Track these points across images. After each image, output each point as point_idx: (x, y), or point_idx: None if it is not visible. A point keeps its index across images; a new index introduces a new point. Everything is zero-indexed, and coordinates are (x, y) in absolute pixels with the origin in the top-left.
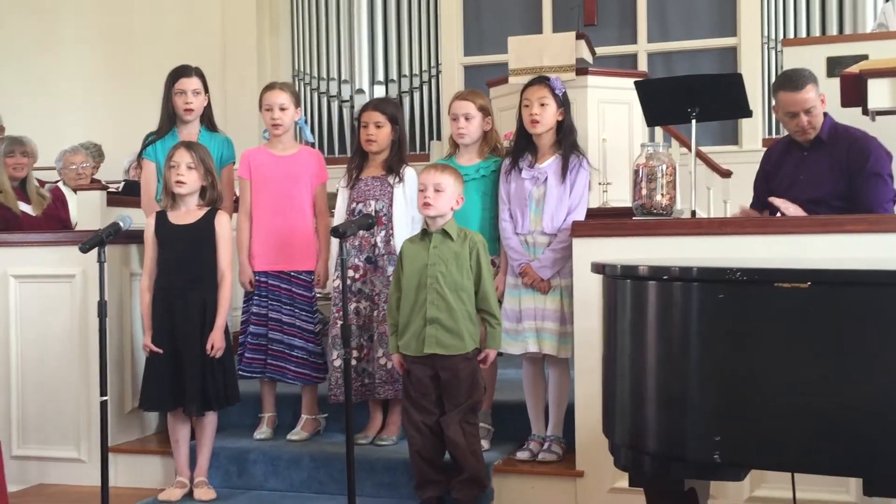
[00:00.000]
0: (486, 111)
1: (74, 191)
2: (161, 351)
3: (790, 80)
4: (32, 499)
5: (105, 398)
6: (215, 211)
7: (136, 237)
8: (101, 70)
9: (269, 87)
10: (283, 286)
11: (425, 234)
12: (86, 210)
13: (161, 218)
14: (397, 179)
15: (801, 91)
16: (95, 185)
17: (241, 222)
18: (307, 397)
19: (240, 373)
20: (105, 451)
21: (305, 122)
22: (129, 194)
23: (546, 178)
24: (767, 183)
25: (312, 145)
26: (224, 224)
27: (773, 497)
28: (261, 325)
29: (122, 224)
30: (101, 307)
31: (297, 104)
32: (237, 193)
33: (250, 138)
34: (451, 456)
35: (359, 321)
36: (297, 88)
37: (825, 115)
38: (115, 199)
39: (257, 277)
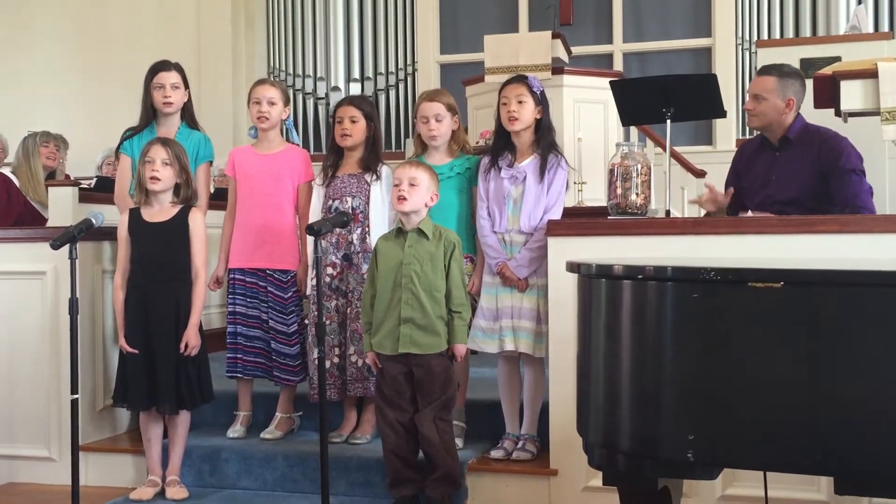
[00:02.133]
0: (454, 110)
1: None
2: (136, 352)
3: (762, 66)
4: (2, 498)
5: (76, 396)
6: (189, 208)
7: (108, 234)
8: (75, 66)
9: (260, 81)
10: (260, 283)
11: (400, 231)
12: (57, 206)
13: (134, 215)
14: (374, 178)
15: (759, 76)
16: (67, 181)
17: (225, 220)
18: (284, 396)
19: (227, 374)
20: (76, 449)
21: (293, 123)
22: (101, 190)
23: (525, 178)
24: (739, 181)
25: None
26: (198, 222)
27: (745, 495)
28: (238, 324)
29: (94, 220)
30: (73, 304)
31: (287, 103)
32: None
33: (224, 136)
34: (425, 453)
35: (338, 318)
36: None
37: (798, 115)
38: (87, 196)
39: (234, 275)
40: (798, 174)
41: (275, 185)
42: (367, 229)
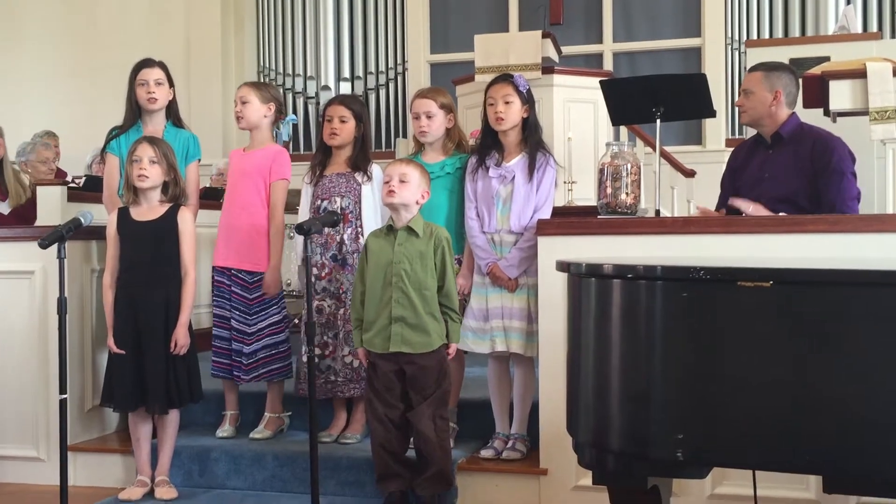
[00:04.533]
0: (448, 108)
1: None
2: (123, 352)
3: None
4: None
5: (65, 396)
6: (178, 207)
7: (97, 233)
8: (64, 66)
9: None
10: (233, 288)
11: (390, 229)
12: (46, 205)
13: (123, 214)
14: (365, 178)
15: (749, 73)
16: (57, 179)
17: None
18: (271, 395)
19: (212, 374)
20: (64, 449)
21: (293, 121)
22: (90, 189)
23: (513, 177)
24: (734, 181)
25: (285, 144)
26: (187, 220)
27: (734, 494)
28: (221, 327)
29: (82, 220)
30: (61, 304)
31: (264, 101)
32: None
33: (214, 135)
34: (419, 450)
35: (321, 319)
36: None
37: (793, 114)
38: (76, 195)
39: (217, 277)
40: (790, 172)
41: (245, 184)
42: (359, 229)
